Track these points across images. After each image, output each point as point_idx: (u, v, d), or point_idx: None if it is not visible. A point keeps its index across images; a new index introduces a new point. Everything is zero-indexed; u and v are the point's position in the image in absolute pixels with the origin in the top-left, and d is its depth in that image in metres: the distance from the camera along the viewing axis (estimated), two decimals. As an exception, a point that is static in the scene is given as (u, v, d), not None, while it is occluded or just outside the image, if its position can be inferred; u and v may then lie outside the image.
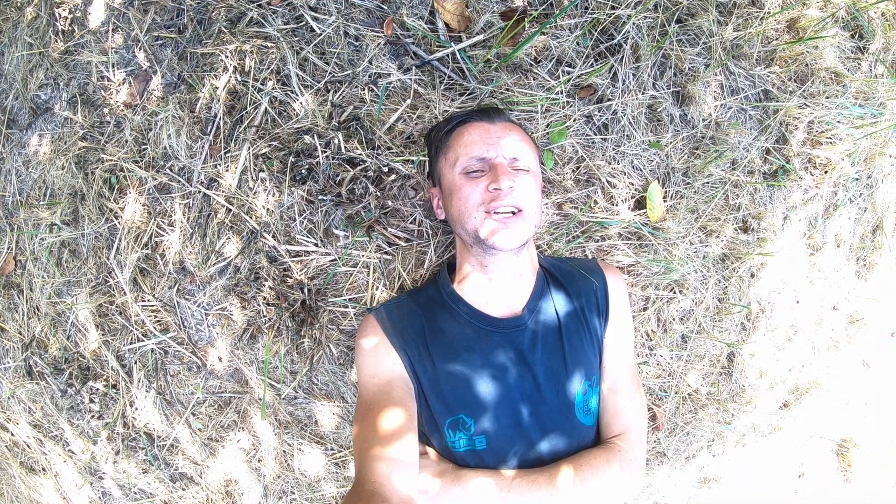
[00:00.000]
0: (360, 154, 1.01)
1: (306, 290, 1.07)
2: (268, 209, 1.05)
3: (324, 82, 1.02)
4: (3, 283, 1.30)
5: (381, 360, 0.86)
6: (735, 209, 1.15)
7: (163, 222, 1.12)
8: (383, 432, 0.75)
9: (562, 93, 1.04)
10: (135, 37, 1.11)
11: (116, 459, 1.27)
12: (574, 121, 1.05)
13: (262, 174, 1.04)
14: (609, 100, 1.06)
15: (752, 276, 1.22)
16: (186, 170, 1.09)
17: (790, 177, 1.18)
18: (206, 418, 1.20)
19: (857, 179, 1.26)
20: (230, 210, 1.07)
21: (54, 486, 1.39)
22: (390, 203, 1.03)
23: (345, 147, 1.01)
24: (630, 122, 1.07)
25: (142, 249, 1.13)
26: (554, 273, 0.94)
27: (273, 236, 1.06)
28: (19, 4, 1.25)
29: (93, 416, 1.25)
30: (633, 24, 1.03)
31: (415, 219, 1.06)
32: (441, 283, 0.93)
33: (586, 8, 1.04)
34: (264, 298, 1.08)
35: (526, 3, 1.03)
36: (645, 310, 1.15)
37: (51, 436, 1.34)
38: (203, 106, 1.07)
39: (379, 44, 1.02)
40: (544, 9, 1.03)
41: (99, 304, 1.18)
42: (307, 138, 1.02)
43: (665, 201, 1.10)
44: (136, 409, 1.21)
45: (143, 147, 1.12)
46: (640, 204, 1.09)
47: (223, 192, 1.07)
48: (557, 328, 0.88)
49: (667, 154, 1.10)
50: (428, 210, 1.05)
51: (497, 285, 0.89)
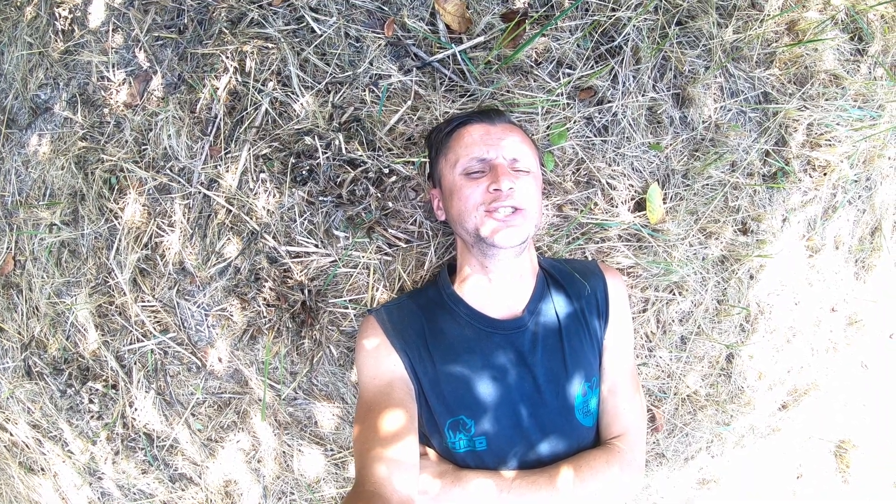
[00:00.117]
0: (361, 155, 1.01)
1: (306, 291, 1.07)
2: (268, 210, 1.05)
3: (324, 83, 1.02)
4: (3, 283, 1.30)
5: (382, 361, 0.86)
6: (734, 211, 1.16)
7: (163, 223, 1.12)
8: (384, 433, 0.75)
9: (562, 94, 1.04)
10: (135, 37, 1.11)
11: (116, 460, 1.27)
12: (574, 122, 1.05)
13: (262, 175, 1.04)
14: (609, 102, 1.06)
15: (752, 277, 1.22)
16: (187, 170, 1.09)
17: (789, 179, 1.18)
18: (205, 419, 1.20)
19: (856, 181, 1.26)
20: (230, 211, 1.07)
21: (53, 486, 1.39)
22: (391, 204, 1.03)
23: (345, 148, 1.01)
24: (630, 124, 1.07)
25: (142, 250, 1.13)
26: (554, 274, 0.94)
27: (273, 237, 1.06)
28: (19, 4, 1.25)
29: (92, 417, 1.25)
30: (634, 26, 1.04)
31: (415, 220, 1.06)
32: (441, 284, 0.94)
33: (587, 10, 1.04)
34: (264, 299, 1.08)
35: (527, 5, 1.03)
36: (644, 311, 1.15)
37: (50, 436, 1.33)
38: (203, 106, 1.07)
39: (380, 45, 1.02)
40: (545, 11, 1.03)
41: (98, 304, 1.18)
42: (308, 139, 1.02)
43: (665, 203, 1.11)
44: (136, 409, 1.21)
45: (144, 147, 1.12)
46: (640, 206, 1.10)
47: (223, 192, 1.07)
48: (557, 330, 0.88)
49: (666, 156, 1.10)
50: (428, 211, 1.06)
51: (497, 286, 0.89)
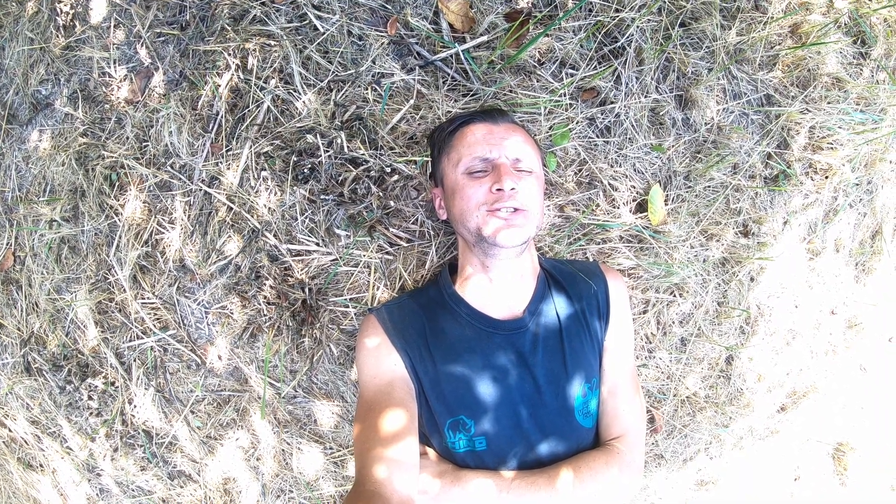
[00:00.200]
0: (363, 154, 1.01)
1: (307, 290, 1.07)
2: (269, 208, 1.05)
3: (327, 81, 1.02)
4: (3, 279, 1.30)
5: (383, 360, 0.86)
6: (736, 213, 1.16)
7: (163, 220, 1.11)
8: (384, 433, 0.75)
9: (565, 95, 1.04)
10: (137, 33, 1.11)
11: (115, 456, 1.27)
12: (577, 123, 1.05)
13: (263, 173, 1.04)
14: (612, 103, 1.06)
15: (752, 280, 1.22)
16: (188, 167, 1.09)
17: (791, 181, 1.18)
18: (204, 416, 1.20)
19: (858, 185, 1.26)
20: (231, 208, 1.07)
21: (52, 482, 1.38)
22: (392, 203, 1.03)
23: (347, 147, 1.01)
24: (632, 125, 1.07)
25: (142, 247, 1.13)
26: (555, 275, 0.94)
27: (274, 235, 1.06)
28: (20, -1, 1.24)
29: (91, 413, 1.25)
30: (637, 27, 1.03)
31: (417, 219, 1.06)
32: (442, 283, 0.93)
33: (590, 10, 1.04)
34: (265, 297, 1.08)
35: (530, 5, 1.03)
36: (645, 313, 1.15)
37: (49, 432, 1.33)
38: (205, 103, 1.07)
39: (382, 43, 1.02)
40: (548, 11, 1.03)
41: (98, 300, 1.18)
42: (310, 137, 1.01)
43: (666, 205, 1.11)
44: (135, 406, 1.21)
45: (145, 144, 1.11)
46: (642, 207, 1.10)
47: (224, 190, 1.07)
48: (558, 330, 0.88)
49: (669, 157, 1.10)
50: (430, 211, 1.05)
51: (498, 287, 0.89)
